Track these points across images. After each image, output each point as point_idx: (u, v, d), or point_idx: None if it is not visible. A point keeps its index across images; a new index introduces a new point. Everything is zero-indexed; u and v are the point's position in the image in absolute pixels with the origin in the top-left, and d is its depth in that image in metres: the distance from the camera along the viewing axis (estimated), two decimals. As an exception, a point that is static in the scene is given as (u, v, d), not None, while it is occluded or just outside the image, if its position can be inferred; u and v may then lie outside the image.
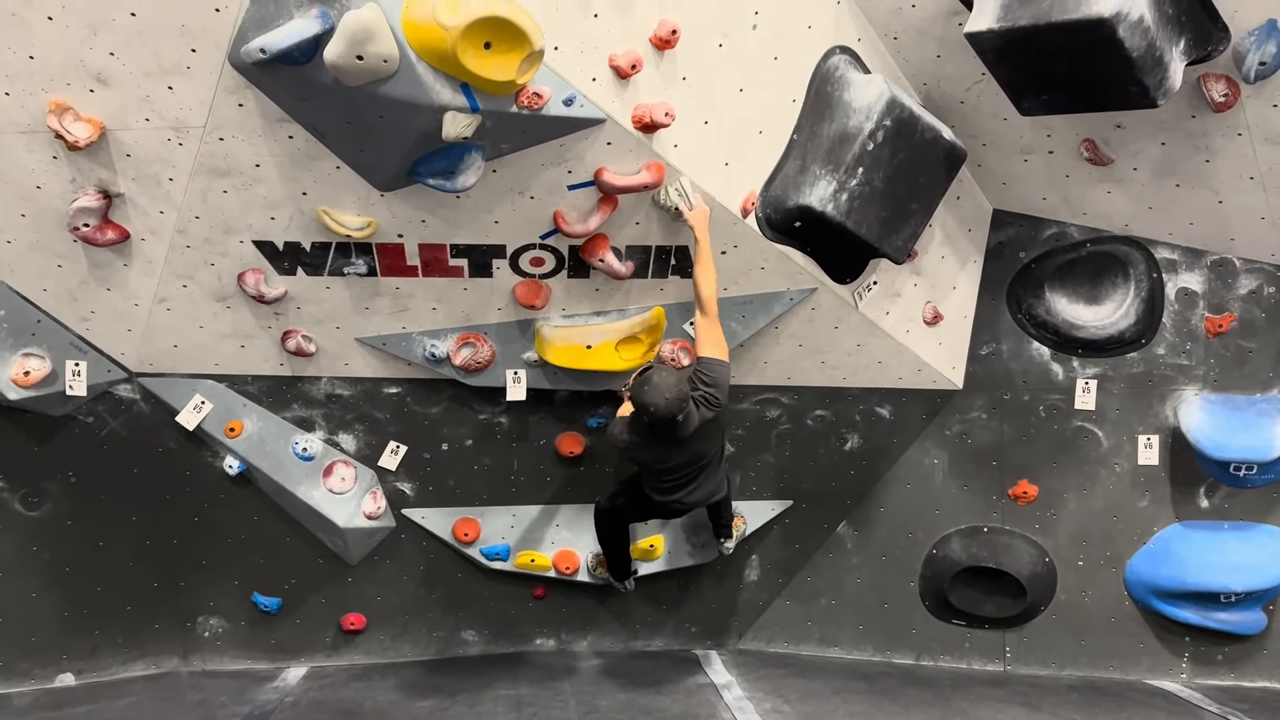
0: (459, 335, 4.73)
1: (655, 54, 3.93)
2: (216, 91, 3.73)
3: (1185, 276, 5.17)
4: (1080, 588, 5.56)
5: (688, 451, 4.36)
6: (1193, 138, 4.53)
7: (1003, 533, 5.55)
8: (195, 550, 5.18)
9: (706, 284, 4.16)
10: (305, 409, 4.99)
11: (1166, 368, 5.29)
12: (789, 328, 4.90)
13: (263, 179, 4.02)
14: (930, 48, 4.48)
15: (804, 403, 5.33)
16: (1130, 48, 3.70)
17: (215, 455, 5.00)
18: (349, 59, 3.30)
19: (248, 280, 4.39)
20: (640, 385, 4.12)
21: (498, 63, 3.36)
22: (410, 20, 3.29)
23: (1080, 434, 5.42)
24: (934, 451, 5.50)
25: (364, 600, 5.39)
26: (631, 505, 4.83)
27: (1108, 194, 4.94)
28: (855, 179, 4.24)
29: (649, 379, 4.11)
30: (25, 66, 3.70)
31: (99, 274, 4.37)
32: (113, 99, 3.78)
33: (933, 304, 5.13)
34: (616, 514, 4.94)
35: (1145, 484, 5.44)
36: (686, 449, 4.34)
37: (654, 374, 4.12)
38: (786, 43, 4.23)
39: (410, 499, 5.24)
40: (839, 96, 4.34)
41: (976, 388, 5.41)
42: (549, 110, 3.69)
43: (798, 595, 5.69)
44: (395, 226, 4.24)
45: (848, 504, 5.58)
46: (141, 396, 4.85)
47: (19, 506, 4.95)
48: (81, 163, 3.98)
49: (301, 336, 4.68)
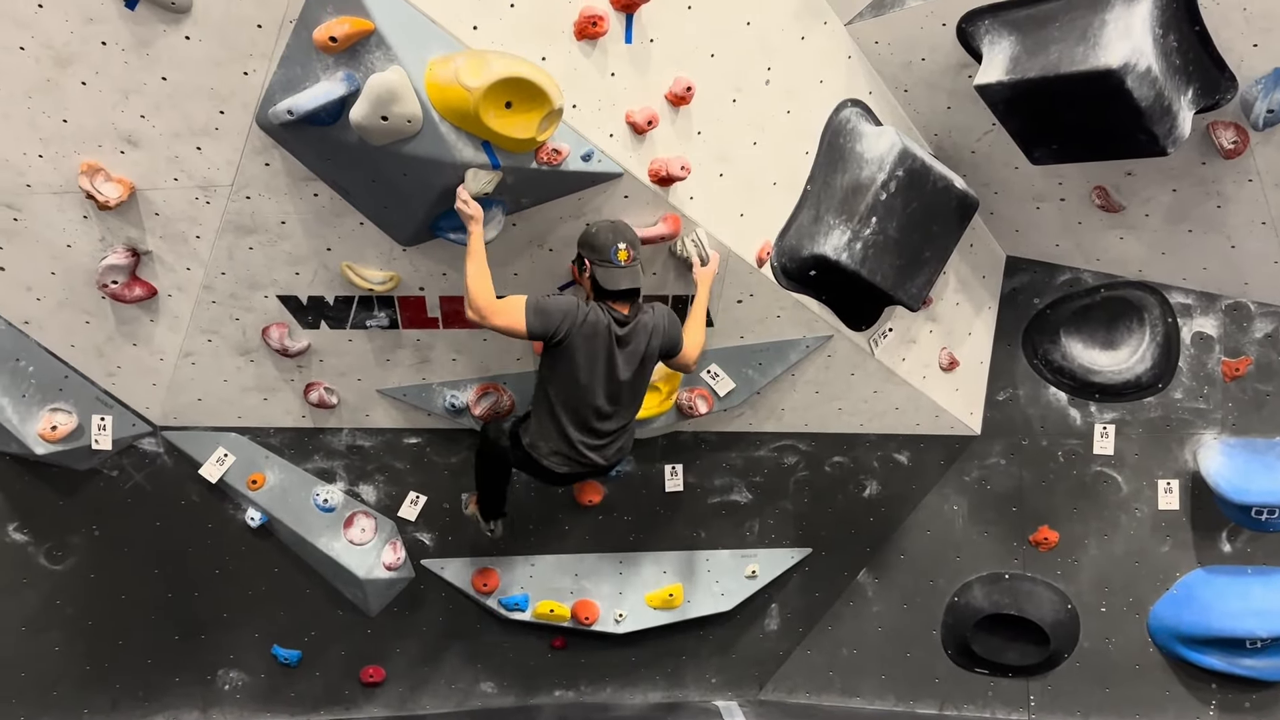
0: (479, 386, 4.78)
1: (671, 110, 4.01)
2: (244, 152, 3.82)
3: (1200, 321, 5.18)
4: (1104, 635, 5.51)
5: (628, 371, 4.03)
6: (1203, 184, 4.57)
7: (1024, 579, 5.51)
8: (216, 603, 5.20)
9: (694, 343, 4.25)
10: (326, 460, 5.03)
11: (1184, 412, 5.29)
12: (805, 375, 4.93)
13: (288, 235, 4.10)
14: (941, 99, 4.55)
15: (821, 449, 5.34)
16: (1139, 98, 3.76)
17: (237, 507, 5.03)
18: (374, 119, 3.39)
19: (272, 334, 4.46)
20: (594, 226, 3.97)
21: (518, 121, 3.44)
22: (433, 81, 3.38)
23: (1100, 479, 5.40)
24: (953, 498, 5.49)
25: (383, 652, 5.39)
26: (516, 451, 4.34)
27: (1120, 240, 4.98)
28: (869, 228, 4.29)
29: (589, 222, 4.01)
30: (59, 130, 3.80)
31: (126, 330, 4.45)
32: (143, 160, 3.88)
33: (949, 350, 5.16)
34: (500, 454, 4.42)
35: (1166, 529, 5.40)
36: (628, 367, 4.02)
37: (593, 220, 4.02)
38: (798, 97, 4.31)
39: (429, 549, 5.26)
40: (851, 148, 4.41)
41: (995, 433, 5.41)
42: (568, 165, 3.77)
43: (819, 644, 5.65)
44: (417, 280, 4.31)
45: (867, 551, 5.56)
46: (165, 450, 4.90)
47: (44, 560, 4.98)
48: (111, 221, 4.07)
49: (324, 389, 4.73)
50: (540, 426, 4.17)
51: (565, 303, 3.91)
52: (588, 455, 4.17)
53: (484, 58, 3.36)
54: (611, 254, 3.91)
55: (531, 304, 3.83)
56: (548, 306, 3.86)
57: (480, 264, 3.75)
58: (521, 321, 3.80)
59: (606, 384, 4.04)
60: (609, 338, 3.96)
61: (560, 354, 3.95)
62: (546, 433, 4.15)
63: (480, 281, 3.74)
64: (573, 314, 3.89)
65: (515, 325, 3.80)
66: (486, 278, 3.76)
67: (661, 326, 4.11)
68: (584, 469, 4.26)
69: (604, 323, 3.94)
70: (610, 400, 4.08)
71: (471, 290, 3.73)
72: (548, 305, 3.86)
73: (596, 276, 3.94)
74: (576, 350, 3.93)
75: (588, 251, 3.96)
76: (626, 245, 3.92)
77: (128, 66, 3.62)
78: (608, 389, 4.05)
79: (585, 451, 4.16)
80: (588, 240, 3.97)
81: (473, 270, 3.73)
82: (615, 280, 3.94)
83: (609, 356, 3.99)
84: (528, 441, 4.21)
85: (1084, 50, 3.77)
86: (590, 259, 3.95)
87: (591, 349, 3.95)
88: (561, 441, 4.14)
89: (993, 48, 4.10)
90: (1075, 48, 3.80)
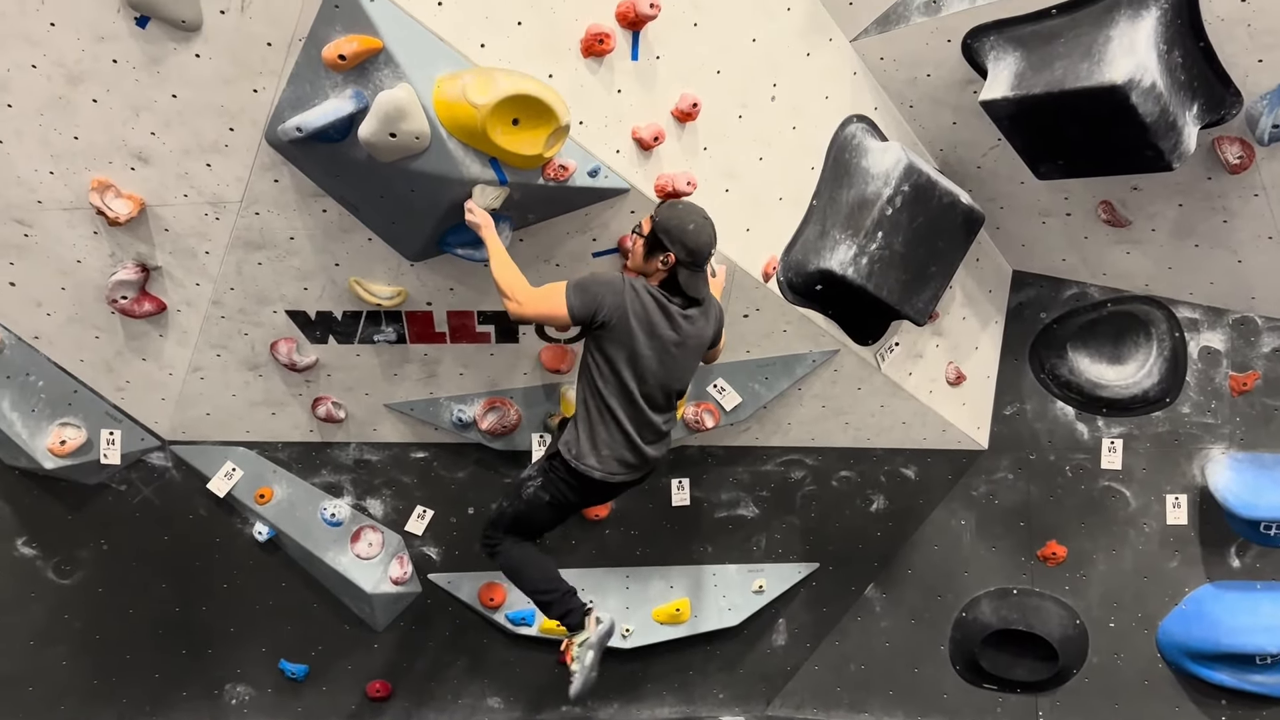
0: (485, 400, 4.79)
1: (677, 126, 4.03)
2: (253, 168, 3.85)
3: (1207, 335, 5.17)
4: (1112, 650, 5.48)
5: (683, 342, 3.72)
6: (1209, 199, 4.57)
7: (1033, 594, 5.49)
8: (223, 617, 5.20)
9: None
10: (334, 475, 5.04)
11: (1192, 427, 5.27)
12: (812, 389, 4.94)
13: (297, 251, 4.12)
14: (946, 115, 4.57)
15: (828, 464, 5.34)
16: (1144, 113, 3.76)
17: (245, 522, 5.04)
18: (382, 136, 3.41)
19: (280, 349, 4.48)
20: (675, 213, 3.63)
21: (525, 138, 3.45)
22: (441, 99, 3.40)
23: (1108, 494, 5.39)
24: (961, 512, 5.48)
25: (390, 667, 5.38)
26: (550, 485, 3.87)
27: (1126, 254, 4.98)
28: (875, 243, 4.30)
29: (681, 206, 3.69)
30: (70, 147, 3.84)
31: (135, 345, 4.47)
32: (153, 176, 3.91)
33: (955, 364, 5.16)
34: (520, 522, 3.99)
35: (1175, 544, 5.38)
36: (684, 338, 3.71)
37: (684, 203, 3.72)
38: (804, 113, 4.33)
39: (436, 564, 5.26)
40: (857, 163, 4.42)
41: (1002, 448, 5.40)
42: (574, 181, 3.78)
43: (826, 660, 5.64)
44: (424, 295, 4.33)
45: (875, 566, 5.55)
46: (173, 464, 4.92)
47: (52, 575, 5.00)
48: (121, 237, 4.10)
49: (331, 403, 4.75)
50: (594, 436, 3.76)
51: (608, 280, 3.61)
52: (648, 452, 3.84)
53: (491, 75, 3.38)
54: (705, 259, 3.65)
55: (572, 284, 3.57)
56: (588, 285, 3.57)
57: (504, 259, 3.60)
58: (562, 305, 3.53)
59: (661, 369, 3.71)
60: (666, 320, 3.67)
61: (608, 339, 3.63)
62: (603, 440, 3.76)
63: (509, 273, 3.57)
64: (619, 292, 3.59)
65: (556, 310, 3.55)
66: (514, 269, 3.60)
67: (714, 326, 3.91)
68: (640, 472, 3.92)
69: (659, 305, 3.65)
70: (663, 388, 3.78)
71: (503, 284, 3.56)
72: (588, 284, 3.58)
73: (679, 277, 3.65)
74: (627, 337, 3.61)
75: (677, 248, 3.60)
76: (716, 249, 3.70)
77: (138, 84, 3.65)
78: (662, 375, 3.73)
79: (645, 448, 3.82)
80: (680, 235, 3.59)
81: (497, 266, 3.58)
82: (698, 287, 3.71)
83: (663, 343, 3.68)
84: (578, 465, 3.78)
85: (1089, 66, 3.78)
86: (679, 257, 3.61)
87: (644, 330, 3.63)
88: (624, 444, 3.77)
89: (998, 64, 4.11)
90: (1080, 64, 3.81)
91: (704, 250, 3.63)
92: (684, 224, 3.62)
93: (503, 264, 3.62)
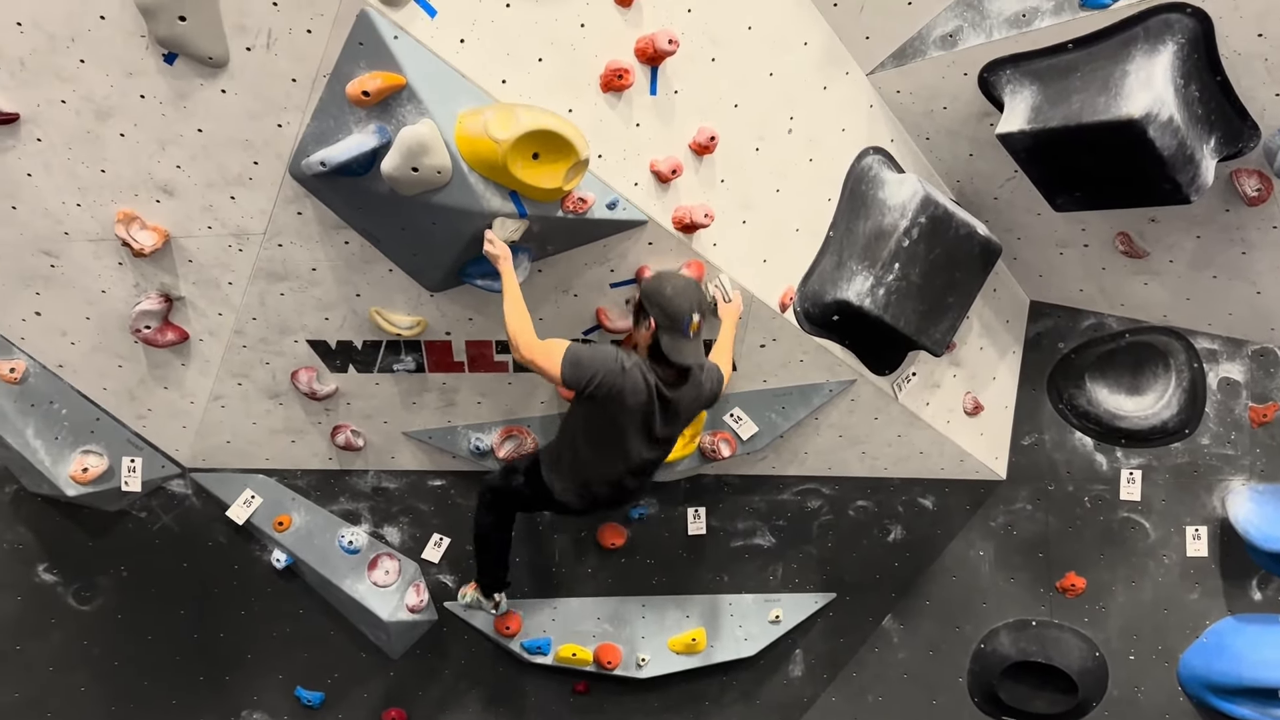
0: (503, 429, 4.81)
1: (695, 159, 4.06)
2: (277, 201, 3.90)
3: (1226, 366, 5.15)
4: (1133, 683, 5.43)
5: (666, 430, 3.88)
6: (1227, 231, 4.57)
7: (1052, 626, 5.45)
8: (241, 644, 5.22)
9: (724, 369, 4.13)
10: (352, 502, 5.07)
11: (1212, 458, 5.24)
12: (829, 418, 4.94)
13: (318, 282, 4.17)
14: (963, 147, 4.59)
15: (845, 493, 5.32)
16: (1161, 147, 3.77)
17: (263, 549, 5.07)
18: (405, 170, 3.45)
19: (301, 378, 4.52)
20: (657, 279, 3.72)
21: (545, 172, 3.49)
22: (463, 134, 3.44)
23: (1127, 525, 5.35)
24: (979, 543, 5.46)
25: (405, 695, 5.39)
26: (531, 485, 4.18)
27: (1144, 285, 4.97)
28: (892, 274, 4.31)
29: (664, 273, 3.76)
30: (96, 179, 3.89)
31: (158, 373, 4.52)
32: (178, 208, 3.96)
33: (973, 394, 5.15)
34: (510, 497, 4.34)
35: (1195, 576, 5.34)
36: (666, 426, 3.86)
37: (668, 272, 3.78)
38: (821, 145, 4.36)
39: (452, 592, 5.26)
40: (873, 195, 4.44)
41: (1020, 478, 5.38)
42: (593, 214, 3.81)
43: (843, 691, 5.60)
44: (444, 325, 4.37)
45: (892, 596, 5.52)
46: (194, 491, 4.95)
47: (72, 601, 5.03)
48: (145, 268, 4.15)
49: (350, 431, 4.78)
50: (559, 466, 4.05)
51: (603, 357, 3.72)
52: (601, 494, 4.09)
53: (512, 110, 3.42)
54: (685, 325, 3.66)
55: (570, 354, 3.67)
56: (583, 359, 3.69)
57: (515, 303, 3.66)
58: (557, 367, 3.66)
59: (640, 444, 3.90)
60: (650, 399, 3.77)
61: (593, 408, 3.80)
62: (565, 474, 4.05)
63: (518, 321, 3.65)
64: (611, 371, 3.70)
65: (550, 369, 3.67)
66: (523, 316, 3.66)
67: (708, 388, 3.98)
68: (599, 509, 4.23)
69: (645, 384, 3.75)
70: (640, 461, 3.97)
71: (510, 330, 3.65)
72: (583, 358, 3.69)
73: (661, 343, 3.71)
74: (611, 410, 3.76)
75: (657, 313, 3.69)
76: (699, 315, 3.70)
77: (165, 119, 3.71)
78: (641, 450, 3.92)
79: (598, 491, 4.06)
80: (659, 300, 3.69)
81: (509, 310, 3.66)
82: (681, 353, 3.71)
83: (646, 417, 3.81)
84: (547, 478, 4.08)
85: (1106, 100, 3.80)
86: (659, 322, 3.69)
87: (628, 410, 3.76)
88: (580, 487, 4.05)
89: (1014, 97, 4.13)
90: (1097, 97, 3.83)
91: (681, 314, 3.66)
92: (661, 289, 3.72)
93: (513, 306, 3.68)
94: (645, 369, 3.78)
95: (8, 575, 4.97)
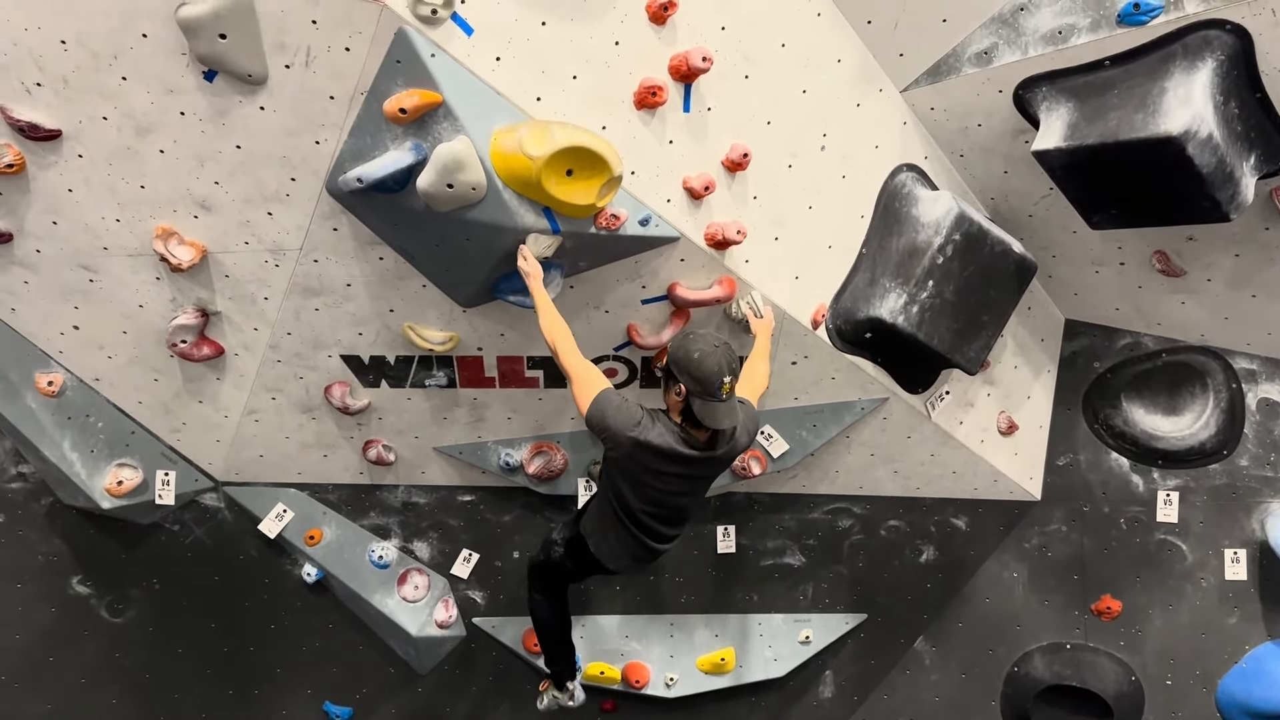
0: (533, 444, 4.82)
1: (727, 175, 4.06)
2: (313, 217, 3.93)
3: (1265, 387, 5.07)
4: (1170, 708, 5.34)
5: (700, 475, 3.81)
6: (1267, 249, 4.51)
7: (1087, 650, 5.37)
8: (270, 658, 5.24)
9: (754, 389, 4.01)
10: (382, 517, 5.08)
11: (1251, 480, 5.16)
12: (861, 437, 4.90)
13: (353, 297, 4.20)
14: (997, 164, 4.56)
15: (877, 513, 5.28)
16: (1200, 164, 3.73)
17: (294, 563, 5.09)
18: (440, 187, 3.47)
19: (334, 392, 4.54)
20: (683, 343, 3.56)
21: (579, 188, 3.50)
22: (498, 151, 3.46)
23: (1163, 547, 5.27)
24: (1013, 564, 5.39)
25: (433, 711, 5.38)
26: (572, 555, 4.14)
27: (1181, 304, 4.91)
28: (926, 291, 4.28)
29: (691, 335, 3.58)
30: (136, 195, 3.94)
31: (192, 387, 4.56)
32: (215, 224, 4.00)
33: (1007, 414, 5.10)
34: (554, 570, 4.27)
35: (1234, 600, 5.25)
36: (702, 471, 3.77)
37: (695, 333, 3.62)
38: (854, 162, 4.35)
39: (481, 608, 5.26)
40: (907, 212, 4.42)
41: (1055, 499, 5.32)
42: (626, 230, 3.82)
43: (874, 714, 5.54)
44: (475, 340, 4.38)
45: (925, 618, 5.46)
46: (226, 505, 4.99)
47: (105, 613, 5.07)
48: (182, 283, 4.20)
49: (382, 446, 4.79)
50: (605, 534, 3.99)
51: (627, 419, 3.59)
52: (658, 549, 4.02)
53: (547, 127, 3.44)
54: (716, 388, 3.49)
55: (599, 401, 3.58)
56: (609, 412, 3.58)
57: (551, 316, 3.64)
58: (585, 403, 3.59)
59: (662, 508, 3.85)
60: (673, 463, 3.67)
61: (618, 466, 3.74)
62: (612, 539, 3.98)
63: (556, 329, 3.62)
64: (630, 435, 3.59)
65: (580, 399, 3.62)
66: (563, 330, 3.63)
67: (743, 441, 3.81)
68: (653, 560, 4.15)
69: (670, 447, 3.63)
70: (665, 520, 3.91)
71: (551, 344, 3.63)
72: (609, 410, 3.58)
73: (694, 409, 3.55)
74: (627, 471, 3.72)
75: (686, 380, 3.52)
76: (731, 377, 3.51)
77: (204, 135, 3.75)
78: (663, 511, 3.87)
79: (655, 546, 3.98)
80: (688, 366, 3.52)
81: (546, 324, 3.64)
82: (716, 417, 3.54)
83: (666, 480, 3.74)
84: (596, 554, 4.05)
85: (1144, 117, 3.76)
86: (689, 388, 3.52)
87: (646, 471, 3.69)
88: (635, 545, 3.95)
89: (1050, 114, 4.10)
90: (1135, 114, 3.80)
91: (711, 379, 3.48)
92: (689, 353, 3.54)
93: (551, 321, 3.66)
94: (676, 434, 3.66)
95: (43, 587, 5.02)
